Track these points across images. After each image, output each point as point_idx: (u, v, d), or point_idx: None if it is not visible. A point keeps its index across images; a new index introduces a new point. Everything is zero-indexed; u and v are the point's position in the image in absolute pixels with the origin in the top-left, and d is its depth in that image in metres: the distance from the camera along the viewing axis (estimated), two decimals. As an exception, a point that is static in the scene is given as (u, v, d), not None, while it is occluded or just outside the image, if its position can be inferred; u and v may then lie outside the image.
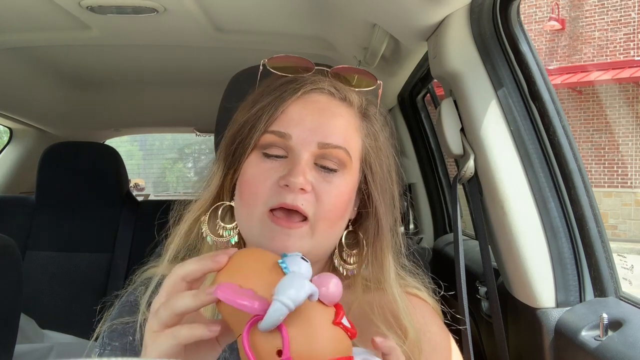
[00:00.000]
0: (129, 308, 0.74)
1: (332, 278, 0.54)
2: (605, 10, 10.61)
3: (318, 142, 0.69)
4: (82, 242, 2.20)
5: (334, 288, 0.53)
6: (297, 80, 0.73)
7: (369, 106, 0.78)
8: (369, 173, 0.74)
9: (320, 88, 0.73)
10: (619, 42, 10.49)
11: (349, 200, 0.72)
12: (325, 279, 0.53)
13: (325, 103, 0.72)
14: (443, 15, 1.02)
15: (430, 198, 2.09)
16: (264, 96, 0.72)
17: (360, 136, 0.74)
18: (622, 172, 10.14)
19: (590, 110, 10.44)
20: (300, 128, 0.69)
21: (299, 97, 0.71)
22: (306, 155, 0.68)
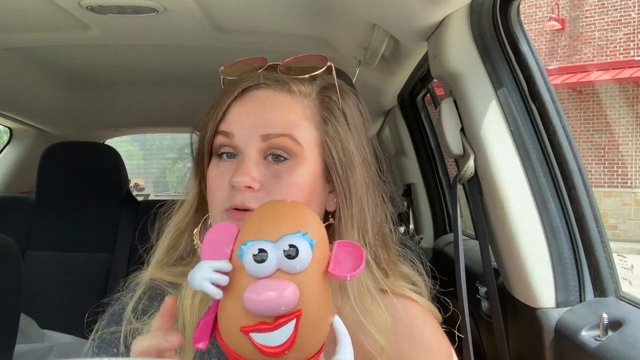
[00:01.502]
0: (116, 317, 0.73)
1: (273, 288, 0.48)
2: (605, 10, 10.61)
3: (260, 135, 0.68)
4: (82, 242, 2.20)
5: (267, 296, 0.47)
6: (238, 81, 0.72)
7: (325, 92, 0.73)
8: (329, 159, 0.71)
9: (257, 84, 0.71)
10: (619, 42, 10.49)
11: (307, 189, 0.69)
12: (272, 284, 0.48)
13: (264, 97, 0.71)
14: (443, 15, 1.02)
15: (430, 198, 2.09)
16: (212, 101, 0.73)
17: (314, 123, 0.71)
18: (622, 172, 10.14)
19: (590, 110, 10.44)
20: (240, 125, 0.69)
21: (239, 96, 0.71)
22: (252, 152, 0.68)
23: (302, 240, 0.48)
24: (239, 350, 0.48)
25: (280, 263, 0.47)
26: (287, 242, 0.47)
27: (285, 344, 0.46)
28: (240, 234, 0.50)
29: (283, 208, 0.53)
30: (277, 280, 0.46)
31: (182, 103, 2.36)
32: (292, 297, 0.46)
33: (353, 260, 0.50)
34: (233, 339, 0.48)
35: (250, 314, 0.46)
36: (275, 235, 0.48)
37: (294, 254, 0.47)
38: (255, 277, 0.47)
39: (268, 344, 0.46)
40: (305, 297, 0.47)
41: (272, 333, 0.46)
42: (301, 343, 0.47)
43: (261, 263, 0.47)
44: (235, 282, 0.48)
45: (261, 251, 0.47)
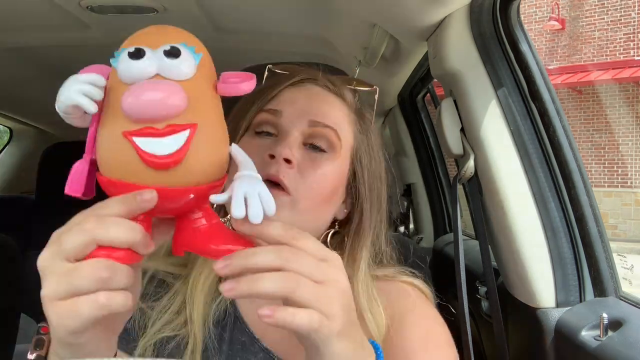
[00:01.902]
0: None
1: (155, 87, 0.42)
2: (605, 10, 10.61)
3: (309, 120, 0.70)
4: (82, 242, 2.20)
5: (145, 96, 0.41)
6: (295, 71, 0.76)
7: (363, 108, 0.80)
8: (358, 167, 0.75)
9: (315, 79, 0.75)
10: (619, 42, 10.49)
11: (334, 185, 0.72)
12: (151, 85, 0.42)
13: (318, 92, 0.75)
14: (443, 15, 1.02)
15: (430, 198, 2.09)
16: (261, 84, 0.75)
17: (353, 130, 0.76)
18: (622, 172, 10.15)
19: (590, 110, 10.45)
20: (292, 107, 0.71)
21: (294, 83, 0.74)
22: (295, 133, 0.70)
23: (186, 48, 0.43)
24: (121, 169, 0.42)
25: (161, 67, 0.41)
26: (168, 45, 0.42)
27: (175, 154, 0.41)
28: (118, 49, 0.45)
29: (169, 27, 0.47)
30: (159, 80, 0.41)
31: (182, 103, 2.36)
32: (179, 99, 0.41)
33: (241, 79, 0.46)
34: (114, 155, 0.42)
35: (132, 121, 0.40)
36: (157, 44, 0.43)
37: (175, 55, 0.42)
38: (133, 81, 0.41)
39: (155, 151, 0.40)
40: (196, 106, 0.42)
41: (161, 139, 0.40)
42: (193, 160, 0.42)
43: (137, 60, 0.41)
44: (113, 97, 0.42)
45: (138, 50, 0.41)
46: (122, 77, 0.42)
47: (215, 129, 0.45)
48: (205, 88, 0.44)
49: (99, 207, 0.44)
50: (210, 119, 0.44)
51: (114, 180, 0.43)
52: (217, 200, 0.44)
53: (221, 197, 0.44)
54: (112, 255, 0.41)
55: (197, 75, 0.43)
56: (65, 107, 0.42)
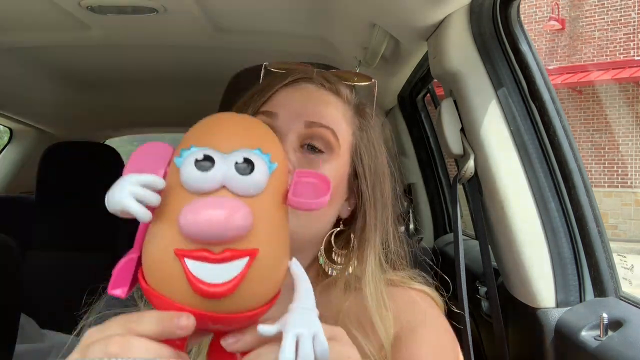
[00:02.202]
0: (119, 300, 0.70)
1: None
2: (605, 10, 10.61)
3: (305, 121, 0.69)
4: (82, 241, 2.20)
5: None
6: (289, 71, 0.75)
7: (363, 105, 0.78)
8: (359, 164, 0.74)
9: (309, 78, 0.74)
10: (619, 42, 10.49)
11: (333, 186, 0.70)
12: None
13: (313, 91, 0.73)
14: (443, 15, 1.02)
15: (430, 198, 2.09)
16: (256, 86, 0.74)
17: (351, 128, 0.74)
18: (622, 172, 10.14)
19: (590, 110, 10.44)
20: (287, 108, 0.70)
21: (288, 83, 0.73)
22: (292, 136, 0.69)
23: (260, 158, 0.38)
24: (166, 286, 0.37)
25: (228, 179, 0.36)
26: (241, 155, 0.37)
27: (228, 284, 0.36)
28: (184, 138, 0.40)
29: (243, 120, 0.43)
30: (224, 198, 0.36)
31: (182, 103, 2.36)
32: (244, 221, 0.36)
33: (315, 191, 0.41)
34: (161, 270, 0.37)
35: (187, 239, 0.36)
36: (229, 147, 0.38)
37: (248, 170, 0.37)
38: (194, 192, 0.37)
39: (206, 278, 0.36)
40: (260, 229, 0.37)
41: (215, 266, 0.36)
42: (248, 288, 0.37)
43: (204, 171, 0.36)
44: (170, 202, 0.37)
45: (207, 158, 0.37)
46: (185, 184, 0.37)
47: (278, 251, 0.40)
48: (274, 204, 0.39)
49: (133, 322, 0.39)
50: (274, 240, 0.39)
51: (157, 293, 0.38)
52: (266, 332, 0.39)
53: (270, 330, 0.39)
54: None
55: (267, 188, 0.38)
56: (114, 210, 0.38)
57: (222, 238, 0.36)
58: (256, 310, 0.39)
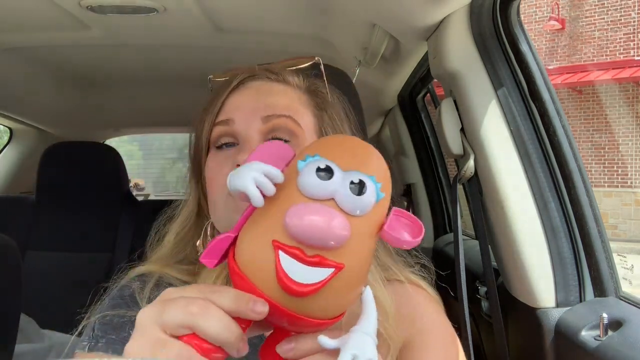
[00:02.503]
0: (124, 302, 0.70)
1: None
2: (605, 10, 10.61)
3: (261, 117, 0.69)
4: (82, 242, 2.20)
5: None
6: (232, 75, 0.75)
7: (315, 85, 0.77)
8: None
9: (253, 75, 0.74)
10: (619, 42, 10.49)
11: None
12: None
13: (261, 85, 0.74)
14: (443, 15, 1.02)
15: (430, 198, 2.09)
16: (208, 100, 0.75)
17: (309, 109, 0.74)
18: (622, 172, 10.14)
19: (590, 110, 10.44)
20: (240, 110, 0.71)
21: (235, 87, 0.73)
22: (254, 135, 0.69)
23: (373, 184, 0.41)
24: (253, 270, 0.40)
25: (340, 193, 0.40)
26: (357, 176, 0.41)
27: (310, 286, 0.39)
28: (310, 146, 0.44)
29: (367, 147, 0.46)
30: (331, 208, 0.39)
31: (182, 103, 2.35)
32: (342, 231, 0.39)
33: (410, 230, 0.43)
34: (254, 255, 0.41)
35: (287, 234, 0.39)
36: (348, 165, 0.41)
37: (359, 191, 0.40)
38: (306, 195, 0.40)
39: (292, 275, 0.39)
40: (351, 247, 0.40)
41: (304, 267, 0.39)
42: (325, 297, 0.40)
43: (323, 180, 0.40)
44: (282, 196, 0.41)
45: (328, 169, 0.40)
46: (300, 186, 0.40)
47: (359, 274, 0.43)
48: (370, 229, 0.42)
49: (212, 291, 0.42)
50: (359, 263, 0.42)
51: (243, 275, 0.41)
52: (326, 345, 0.42)
53: (331, 344, 0.42)
54: (202, 346, 0.40)
55: (369, 214, 0.41)
56: (235, 190, 0.41)
57: (318, 243, 0.39)
58: (323, 321, 0.42)
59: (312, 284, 0.39)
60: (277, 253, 0.39)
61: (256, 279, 0.40)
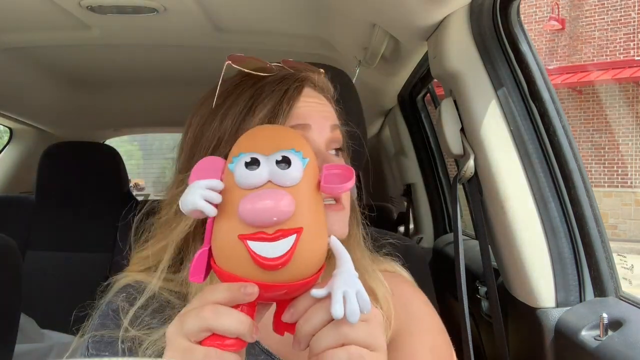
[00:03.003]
0: (111, 321, 0.68)
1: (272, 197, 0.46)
2: (605, 10, 10.61)
3: (330, 125, 0.69)
4: (82, 241, 2.20)
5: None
6: (292, 77, 0.70)
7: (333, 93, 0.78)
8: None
9: (313, 85, 0.73)
10: (619, 42, 10.49)
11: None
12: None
13: (319, 93, 0.73)
14: (443, 15, 1.02)
15: (430, 198, 2.09)
16: (260, 98, 0.67)
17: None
18: (622, 172, 10.15)
19: (590, 110, 10.44)
20: (316, 116, 0.69)
21: (299, 88, 0.70)
22: (322, 142, 0.69)
23: (295, 155, 0.48)
24: (234, 265, 0.47)
25: (272, 174, 0.47)
26: (279, 155, 0.47)
27: (283, 257, 0.46)
28: (232, 149, 0.50)
29: (276, 129, 0.54)
30: (271, 189, 0.46)
31: (182, 103, 2.36)
32: (288, 206, 0.46)
33: (341, 178, 0.50)
34: (228, 253, 0.47)
35: (247, 225, 0.46)
36: (269, 150, 0.48)
37: (286, 166, 0.47)
38: (247, 188, 0.47)
39: (265, 254, 0.46)
40: (301, 211, 0.47)
41: (271, 244, 0.46)
42: (299, 260, 0.47)
43: (253, 170, 0.46)
44: (228, 199, 0.47)
45: (253, 160, 0.47)
46: (238, 182, 0.47)
47: (318, 228, 0.49)
48: (310, 190, 0.49)
49: (210, 292, 0.48)
50: (314, 219, 0.48)
51: (227, 272, 0.48)
52: (318, 294, 0.48)
53: (321, 292, 0.48)
54: (224, 343, 0.47)
55: (303, 179, 0.48)
56: (188, 210, 0.47)
57: (273, 222, 0.46)
58: (307, 279, 0.48)
59: (284, 254, 0.46)
60: (246, 243, 0.46)
61: (240, 271, 0.47)
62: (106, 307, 0.70)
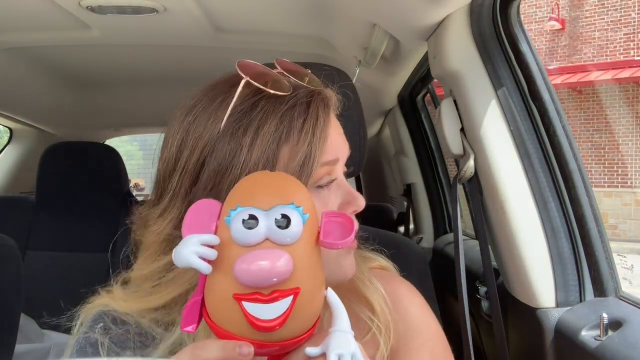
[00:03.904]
0: (90, 354, 0.64)
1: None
2: (605, 10, 10.61)
3: (349, 155, 0.67)
4: (82, 242, 2.20)
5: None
6: (319, 96, 0.64)
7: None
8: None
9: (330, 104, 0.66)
10: (619, 42, 10.49)
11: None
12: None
13: (333, 113, 0.67)
14: (443, 15, 1.02)
15: (430, 198, 2.09)
16: (291, 132, 0.60)
17: None
18: (622, 172, 10.14)
19: (590, 110, 10.44)
20: (340, 148, 0.65)
21: (330, 120, 0.64)
22: (342, 172, 0.66)
23: (294, 211, 0.46)
24: (228, 323, 0.46)
25: (270, 232, 0.45)
26: (279, 212, 0.45)
27: (278, 319, 0.45)
28: (229, 199, 0.48)
29: (276, 178, 0.51)
30: (269, 249, 0.45)
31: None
32: (286, 267, 0.44)
33: (342, 230, 0.49)
34: (223, 311, 0.46)
35: (242, 285, 0.44)
36: (267, 204, 0.46)
37: (285, 225, 0.45)
38: (243, 245, 0.45)
39: (260, 316, 0.44)
40: (299, 270, 0.45)
41: (267, 305, 0.44)
42: (295, 319, 0.46)
43: (250, 229, 0.45)
44: (224, 255, 0.46)
45: (251, 217, 0.45)
46: (235, 239, 0.45)
47: (316, 286, 0.48)
48: (309, 247, 0.47)
49: (203, 349, 0.46)
50: (312, 277, 0.47)
51: (221, 329, 0.47)
52: (312, 354, 0.47)
53: (315, 351, 0.47)
54: None
55: (302, 236, 0.46)
56: (181, 265, 0.46)
57: (269, 283, 0.44)
58: (302, 336, 0.47)
59: (280, 316, 0.45)
60: (241, 304, 0.45)
61: (233, 330, 0.46)
62: (84, 339, 0.65)
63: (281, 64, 0.64)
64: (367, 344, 0.67)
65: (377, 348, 0.68)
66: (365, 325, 0.69)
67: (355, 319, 0.68)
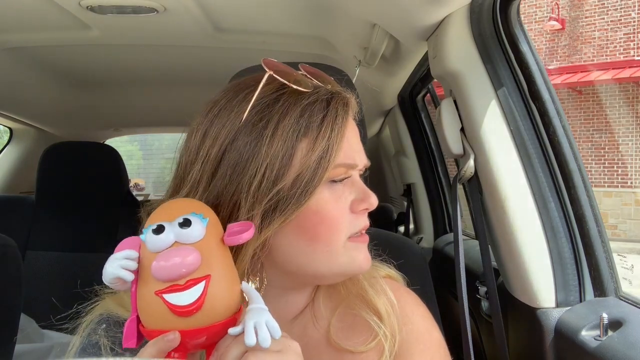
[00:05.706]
0: (94, 352, 0.65)
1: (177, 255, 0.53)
2: (605, 10, 10.61)
3: (365, 165, 0.68)
4: (82, 242, 2.20)
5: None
6: (339, 96, 0.65)
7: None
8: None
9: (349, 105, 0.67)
10: (619, 42, 10.49)
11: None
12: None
13: (351, 117, 0.67)
14: (443, 15, 1.02)
15: (430, 198, 2.09)
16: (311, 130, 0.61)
17: None
18: (622, 172, 10.14)
19: (590, 110, 10.44)
20: (358, 152, 0.66)
21: (348, 123, 0.65)
22: (357, 174, 0.68)
23: (195, 217, 0.54)
24: (155, 321, 0.52)
25: (177, 235, 0.53)
26: (181, 218, 0.54)
27: (196, 302, 0.51)
28: (145, 223, 0.56)
29: (180, 201, 0.61)
30: (177, 247, 0.52)
31: (182, 103, 2.36)
32: (194, 258, 0.52)
33: (242, 229, 0.57)
34: (150, 311, 0.53)
35: (161, 281, 0.52)
36: (172, 217, 0.54)
37: (187, 226, 0.53)
38: (157, 252, 0.52)
39: (179, 302, 0.51)
40: (208, 261, 0.53)
41: (183, 292, 0.51)
42: (210, 304, 0.52)
43: (159, 235, 0.52)
44: (144, 264, 0.53)
45: (159, 227, 0.53)
46: (150, 248, 0.53)
47: (226, 274, 0.55)
48: (214, 243, 0.55)
49: (141, 353, 0.52)
50: (221, 268, 0.54)
51: (152, 331, 0.53)
52: (233, 332, 0.53)
53: (237, 329, 0.53)
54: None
55: (206, 235, 0.54)
56: (110, 279, 0.53)
57: (182, 274, 0.52)
58: (223, 321, 0.54)
59: (197, 299, 0.52)
60: (162, 297, 0.52)
61: (161, 324, 0.52)
62: (87, 340, 0.66)
63: (304, 68, 0.67)
64: (372, 350, 0.69)
65: (381, 354, 0.69)
66: (373, 331, 0.70)
67: (363, 326, 0.70)
